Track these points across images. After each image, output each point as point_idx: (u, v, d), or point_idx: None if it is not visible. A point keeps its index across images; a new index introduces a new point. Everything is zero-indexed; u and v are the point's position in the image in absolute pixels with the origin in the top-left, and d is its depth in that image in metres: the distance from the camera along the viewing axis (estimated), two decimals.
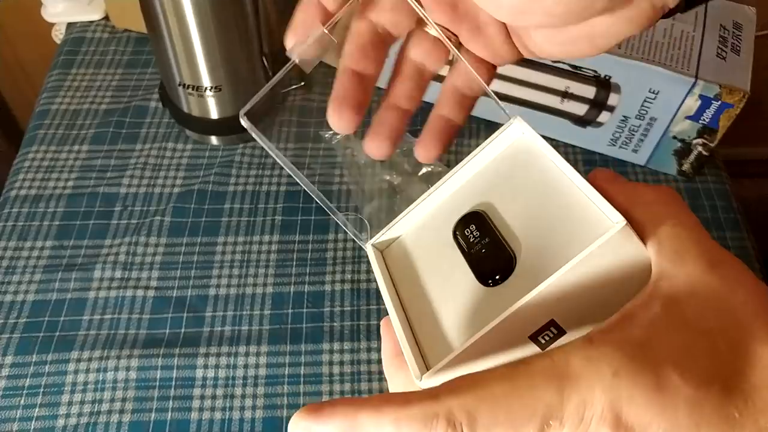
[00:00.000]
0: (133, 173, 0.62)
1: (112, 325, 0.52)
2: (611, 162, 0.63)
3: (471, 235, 0.30)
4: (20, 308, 0.53)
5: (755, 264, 0.58)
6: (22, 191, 0.60)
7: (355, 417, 0.22)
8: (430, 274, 0.31)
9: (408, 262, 0.32)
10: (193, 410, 0.49)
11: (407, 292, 0.31)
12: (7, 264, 0.56)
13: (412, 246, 0.32)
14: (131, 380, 0.50)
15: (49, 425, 0.48)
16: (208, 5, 0.53)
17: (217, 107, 0.61)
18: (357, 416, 0.22)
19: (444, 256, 0.31)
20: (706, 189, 0.62)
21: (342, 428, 0.22)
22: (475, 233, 0.30)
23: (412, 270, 0.31)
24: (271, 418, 0.49)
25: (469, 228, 0.30)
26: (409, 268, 0.31)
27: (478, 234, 0.30)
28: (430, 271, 0.31)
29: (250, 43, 0.58)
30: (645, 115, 0.58)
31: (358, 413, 0.22)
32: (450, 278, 0.30)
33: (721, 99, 0.55)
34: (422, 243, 0.32)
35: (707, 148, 0.59)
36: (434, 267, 0.31)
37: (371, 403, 0.22)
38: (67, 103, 0.67)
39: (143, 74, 0.70)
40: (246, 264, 0.56)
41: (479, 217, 0.30)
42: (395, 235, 0.33)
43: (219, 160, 0.63)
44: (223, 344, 0.52)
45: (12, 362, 0.50)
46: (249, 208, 0.59)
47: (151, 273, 0.55)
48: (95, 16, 0.74)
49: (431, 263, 0.31)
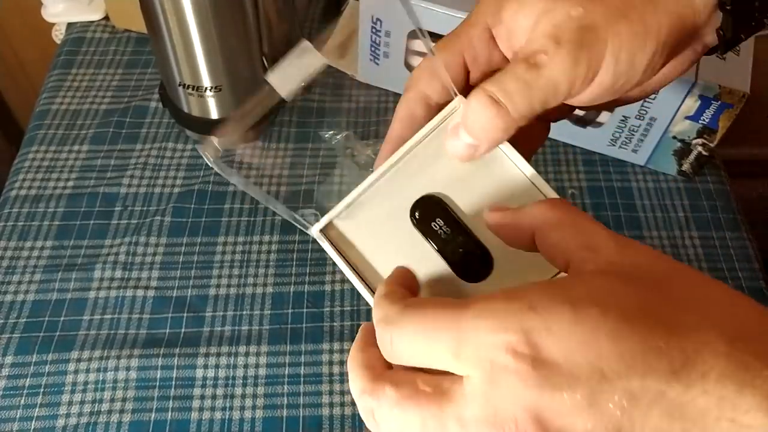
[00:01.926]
0: (133, 173, 0.62)
1: (112, 325, 0.52)
2: (611, 162, 0.63)
3: (440, 230, 0.31)
4: (20, 308, 0.53)
5: (755, 264, 0.58)
6: (22, 191, 0.60)
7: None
8: (394, 258, 0.31)
9: (365, 245, 0.32)
10: (193, 410, 0.49)
11: (368, 270, 0.32)
12: (7, 264, 0.56)
13: (366, 230, 0.32)
14: (131, 380, 0.50)
15: (49, 425, 0.48)
16: (208, 5, 0.53)
17: (217, 107, 0.61)
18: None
19: (406, 242, 0.31)
20: (706, 189, 0.62)
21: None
22: (444, 228, 0.31)
23: (371, 252, 0.32)
24: (271, 418, 0.49)
25: (436, 222, 0.31)
26: (368, 250, 0.32)
27: (447, 229, 0.31)
28: (394, 255, 0.31)
29: (250, 43, 0.58)
30: (645, 115, 0.58)
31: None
32: (420, 266, 0.31)
33: (721, 99, 0.55)
34: (377, 228, 0.32)
35: (707, 148, 0.59)
36: (399, 252, 0.31)
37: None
38: (67, 103, 0.67)
39: (143, 74, 0.70)
40: (246, 264, 0.56)
41: (440, 206, 0.31)
42: (344, 220, 0.32)
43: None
44: (223, 344, 0.52)
45: (12, 362, 0.50)
46: (249, 208, 0.60)
47: (151, 273, 0.55)
48: (95, 16, 0.74)
49: (393, 248, 0.31)
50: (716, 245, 0.59)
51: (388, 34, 0.62)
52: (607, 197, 0.61)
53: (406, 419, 0.24)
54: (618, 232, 0.64)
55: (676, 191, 0.62)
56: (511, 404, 0.22)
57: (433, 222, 0.31)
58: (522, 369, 0.21)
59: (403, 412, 0.24)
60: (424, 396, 0.24)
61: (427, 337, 0.24)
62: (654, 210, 0.60)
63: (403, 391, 0.24)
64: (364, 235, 0.32)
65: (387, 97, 0.67)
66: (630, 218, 0.60)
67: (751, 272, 0.57)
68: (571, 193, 0.61)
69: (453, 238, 0.31)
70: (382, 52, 0.64)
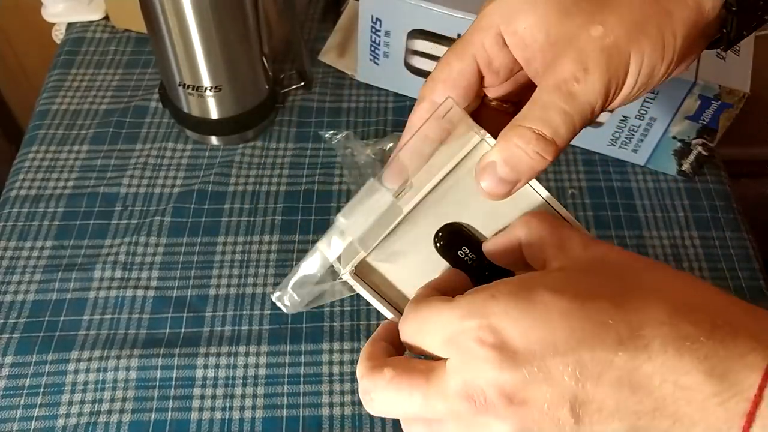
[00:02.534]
0: (133, 173, 0.62)
1: (112, 325, 0.52)
2: (611, 162, 0.63)
3: (466, 257, 0.32)
4: (20, 308, 0.53)
5: (755, 264, 0.58)
6: (22, 191, 0.60)
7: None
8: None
9: (393, 282, 0.32)
10: (193, 410, 0.49)
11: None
12: (7, 264, 0.56)
13: (393, 267, 0.32)
14: (131, 380, 0.50)
15: (49, 425, 0.48)
16: (208, 5, 0.53)
17: (217, 107, 0.61)
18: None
19: (434, 272, 0.32)
20: (706, 189, 0.62)
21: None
22: (470, 255, 0.32)
23: (399, 289, 0.32)
24: (271, 418, 0.49)
25: (462, 250, 0.32)
26: (396, 288, 0.32)
27: (473, 256, 0.32)
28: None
29: (250, 43, 0.58)
30: (645, 115, 0.58)
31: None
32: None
33: (721, 99, 0.55)
34: (403, 264, 0.32)
35: (707, 148, 0.59)
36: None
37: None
38: (67, 103, 0.67)
39: (143, 74, 0.70)
40: (246, 264, 0.56)
41: (462, 234, 0.32)
42: (372, 258, 0.32)
43: (219, 160, 0.63)
44: (223, 344, 0.52)
45: (12, 362, 0.50)
46: (249, 208, 0.60)
47: (151, 273, 0.55)
48: (95, 16, 0.74)
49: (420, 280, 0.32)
50: (716, 245, 0.59)
51: (388, 34, 0.62)
52: (607, 197, 0.61)
53: (398, 393, 0.27)
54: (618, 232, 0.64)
55: (676, 191, 0.62)
56: (480, 381, 0.25)
57: (458, 250, 0.32)
58: (485, 352, 0.25)
59: (396, 388, 0.27)
60: (416, 372, 0.27)
61: (421, 329, 0.28)
62: (654, 210, 0.60)
63: (398, 369, 0.27)
64: (392, 270, 0.32)
65: (387, 97, 0.67)
66: (630, 218, 0.60)
67: (751, 272, 0.57)
68: (571, 193, 0.61)
69: (479, 265, 0.32)
70: (381, 52, 0.64)
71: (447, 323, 0.26)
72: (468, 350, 0.25)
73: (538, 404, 0.24)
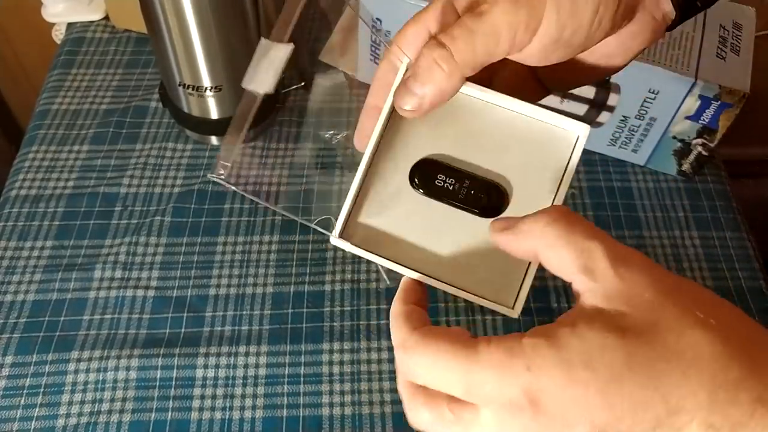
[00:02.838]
0: (133, 173, 0.62)
1: (112, 325, 0.52)
2: (611, 162, 0.63)
3: (445, 184, 0.32)
4: (20, 308, 0.53)
5: (755, 264, 0.58)
6: (22, 191, 0.60)
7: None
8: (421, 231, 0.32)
9: (391, 234, 0.32)
10: (193, 410, 0.49)
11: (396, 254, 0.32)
12: (7, 264, 0.56)
13: (385, 220, 0.32)
14: (131, 380, 0.50)
15: (49, 425, 0.48)
16: (208, 5, 0.53)
17: (217, 107, 0.61)
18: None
19: (420, 210, 0.32)
20: (706, 189, 0.62)
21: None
22: (448, 181, 0.31)
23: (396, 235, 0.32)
24: (271, 418, 0.49)
25: (438, 179, 0.32)
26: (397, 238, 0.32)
27: (452, 180, 0.31)
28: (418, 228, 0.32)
29: (250, 42, 0.58)
30: (645, 115, 0.58)
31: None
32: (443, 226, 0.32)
33: (721, 99, 0.55)
34: (389, 212, 0.32)
35: (707, 148, 0.59)
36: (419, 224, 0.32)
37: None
38: (67, 103, 0.67)
39: (143, 74, 0.70)
40: (246, 264, 0.56)
41: (435, 164, 0.32)
42: (357, 219, 0.33)
43: None
44: (223, 344, 0.52)
45: (12, 362, 0.50)
46: (249, 208, 0.60)
47: (151, 273, 0.55)
48: (95, 16, 0.74)
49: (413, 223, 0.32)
50: (716, 245, 0.59)
51: (388, 34, 0.62)
52: (607, 197, 0.61)
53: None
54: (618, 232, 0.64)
55: (676, 191, 0.62)
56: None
57: (435, 180, 0.32)
58: (523, 419, 0.25)
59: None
60: (450, 421, 0.27)
61: (440, 374, 0.27)
62: (654, 210, 0.60)
63: (434, 414, 0.27)
64: (381, 224, 0.32)
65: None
66: (630, 218, 0.60)
67: (751, 272, 0.57)
68: (571, 193, 0.61)
69: (460, 186, 0.31)
70: (381, 51, 0.64)
71: (477, 382, 0.26)
72: (504, 412, 0.25)
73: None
